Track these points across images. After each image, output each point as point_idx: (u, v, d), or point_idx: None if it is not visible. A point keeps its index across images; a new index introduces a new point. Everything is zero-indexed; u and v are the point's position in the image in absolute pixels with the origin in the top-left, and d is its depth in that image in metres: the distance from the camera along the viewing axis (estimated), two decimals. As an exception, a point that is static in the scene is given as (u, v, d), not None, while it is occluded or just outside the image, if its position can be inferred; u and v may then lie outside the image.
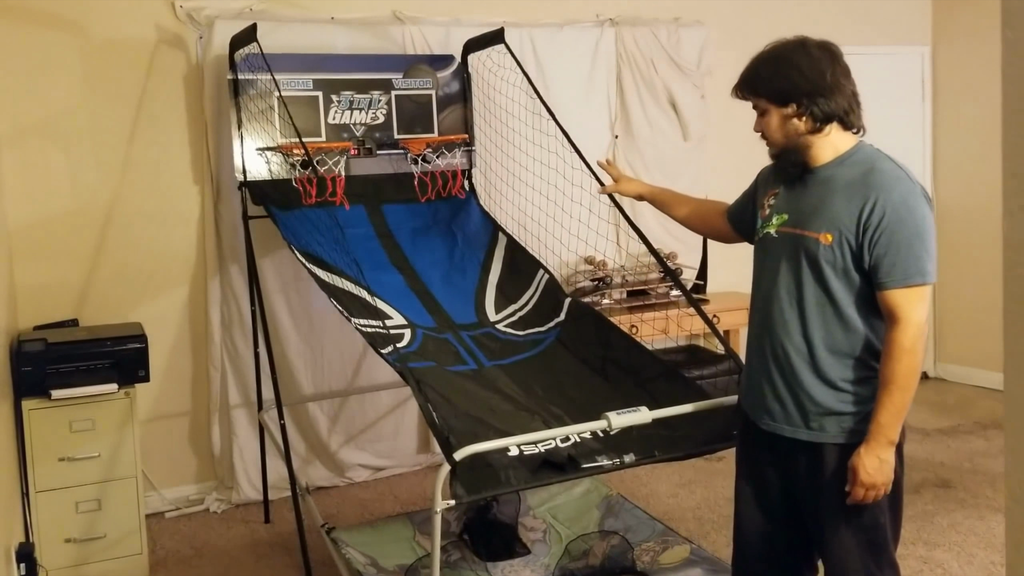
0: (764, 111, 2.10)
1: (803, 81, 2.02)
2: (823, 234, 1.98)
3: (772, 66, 2.07)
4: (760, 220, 2.19)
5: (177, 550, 3.75)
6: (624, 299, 4.71)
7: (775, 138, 2.10)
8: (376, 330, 2.99)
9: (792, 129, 2.06)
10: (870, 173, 1.99)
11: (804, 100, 2.02)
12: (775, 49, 2.10)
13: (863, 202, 1.95)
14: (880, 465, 1.95)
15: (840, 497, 2.01)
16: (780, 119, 2.06)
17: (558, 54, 4.71)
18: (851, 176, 2.01)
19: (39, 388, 3.28)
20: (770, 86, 2.06)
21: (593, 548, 3.17)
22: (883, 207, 1.93)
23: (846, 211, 1.97)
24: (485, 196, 4.33)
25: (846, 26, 5.59)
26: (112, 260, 4.00)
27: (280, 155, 3.76)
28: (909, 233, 1.92)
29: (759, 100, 2.10)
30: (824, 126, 2.03)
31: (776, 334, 2.08)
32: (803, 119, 2.04)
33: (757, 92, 2.10)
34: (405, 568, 3.10)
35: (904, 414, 1.96)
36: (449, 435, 2.33)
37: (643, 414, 2.39)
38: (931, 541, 3.50)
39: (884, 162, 2.02)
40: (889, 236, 1.92)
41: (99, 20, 3.92)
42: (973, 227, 5.67)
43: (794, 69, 2.04)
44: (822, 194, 2.03)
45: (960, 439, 4.71)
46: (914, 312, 1.92)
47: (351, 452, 4.45)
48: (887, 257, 1.92)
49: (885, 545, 2.08)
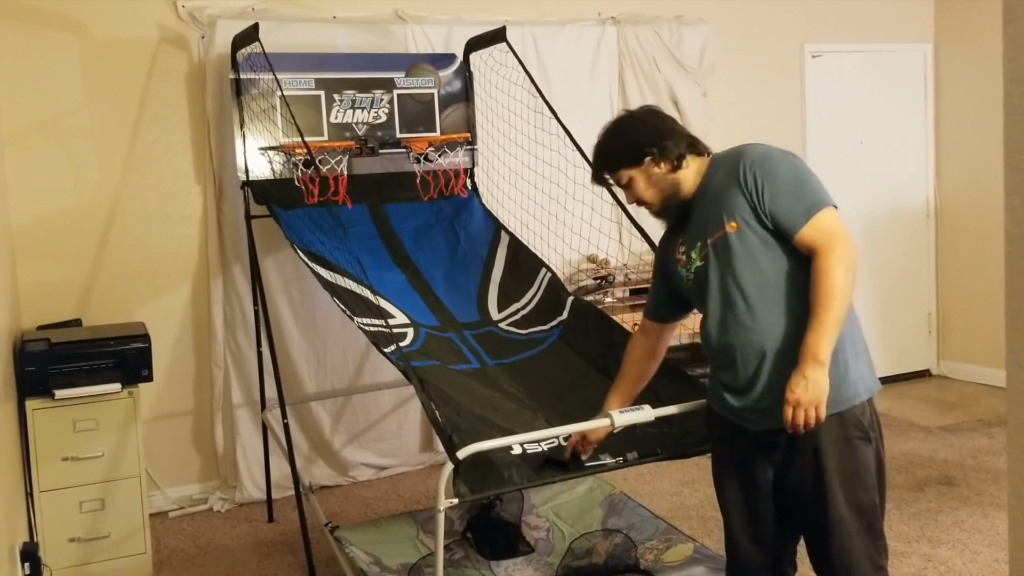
0: (628, 180, 2.23)
1: (644, 134, 2.20)
2: (728, 224, 2.07)
3: (613, 141, 2.24)
4: (683, 269, 2.24)
5: (181, 549, 3.76)
6: (627, 297, 4.71)
7: (650, 196, 2.22)
8: (379, 329, 2.99)
9: (658, 178, 2.20)
10: (726, 161, 2.14)
11: (654, 149, 2.18)
12: (607, 132, 2.27)
13: (737, 179, 2.07)
14: (806, 384, 1.96)
15: (839, 476, 2.03)
16: (645, 177, 2.20)
17: (560, 52, 4.71)
18: (719, 177, 2.13)
19: (42, 388, 3.29)
20: (621, 155, 2.22)
21: (596, 546, 3.16)
22: (752, 168, 2.05)
23: (731, 196, 2.07)
24: (487, 195, 4.33)
25: (848, 24, 5.59)
26: (115, 260, 4.01)
27: (282, 154, 3.76)
28: (786, 178, 2.03)
29: (618, 173, 2.24)
30: (681, 161, 2.19)
31: (744, 349, 2.09)
32: (661, 164, 2.18)
33: (614, 167, 2.24)
34: (409, 567, 3.10)
35: (831, 335, 1.96)
36: (452, 434, 2.33)
37: (646, 412, 2.38)
38: (935, 538, 3.50)
39: (733, 148, 2.17)
40: (771, 186, 2.02)
41: (101, 20, 3.93)
42: (975, 224, 5.67)
43: (630, 132, 2.23)
44: (706, 204, 2.15)
45: (963, 436, 4.70)
46: (828, 238, 1.98)
47: (354, 451, 4.45)
48: (781, 208, 2.02)
49: (879, 528, 2.11)
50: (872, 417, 2.08)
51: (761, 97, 5.35)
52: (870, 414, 2.08)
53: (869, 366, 2.11)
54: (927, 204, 5.91)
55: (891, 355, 5.69)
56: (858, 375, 2.06)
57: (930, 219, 5.92)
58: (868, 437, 2.06)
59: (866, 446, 2.06)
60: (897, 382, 5.73)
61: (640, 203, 2.25)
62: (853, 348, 2.07)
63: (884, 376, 5.45)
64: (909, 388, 5.68)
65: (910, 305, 5.88)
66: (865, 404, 2.07)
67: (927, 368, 5.99)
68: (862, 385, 2.07)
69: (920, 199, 5.89)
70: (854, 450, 2.05)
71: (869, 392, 2.08)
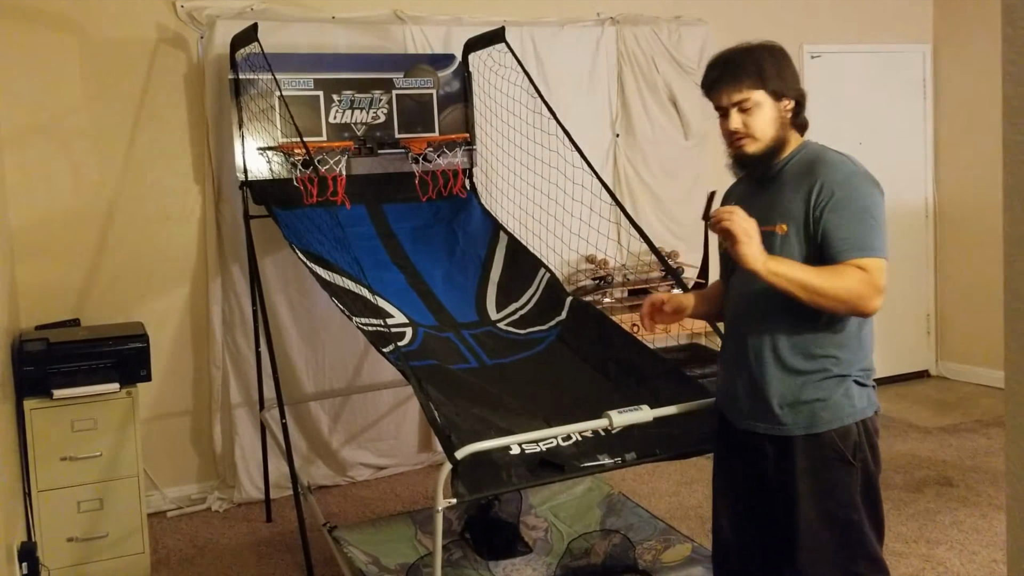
0: (753, 105, 2.06)
1: (794, 78, 2.10)
2: (778, 225, 2.02)
3: (771, 60, 2.07)
4: None
5: (179, 549, 3.76)
6: (625, 298, 4.71)
7: (760, 132, 2.06)
8: (377, 329, 2.99)
9: (779, 124, 2.08)
10: (815, 163, 2.05)
11: (799, 95, 2.09)
12: (765, 47, 2.10)
13: (810, 186, 2.00)
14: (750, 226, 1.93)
15: (810, 491, 2.02)
16: (772, 113, 2.06)
17: (559, 53, 4.71)
18: (799, 169, 2.07)
19: (41, 388, 3.29)
20: (773, 78, 2.06)
21: (595, 547, 3.16)
22: (829, 187, 1.98)
23: (796, 199, 2.02)
24: (486, 195, 4.33)
25: (847, 24, 5.59)
26: (114, 260, 4.01)
27: (281, 154, 3.76)
28: (856, 208, 1.97)
29: (753, 92, 2.05)
30: (801, 127, 2.11)
31: (745, 332, 2.11)
32: (791, 114, 2.08)
33: (753, 83, 2.05)
34: (407, 567, 3.10)
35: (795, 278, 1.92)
36: (451, 434, 2.33)
37: (644, 412, 2.38)
38: (933, 539, 3.50)
39: (828, 154, 2.07)
40: (838, 212, 1.96)
41: (100, 20, 3.92)
42: (974, 225, 5.67)
43: (788, 66, 2.10)
44: (774, 192, 2.09)
45: (962, 437, 4.71)
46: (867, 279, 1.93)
47: (352, 451, 4.45)
48: (837, 231, 1.96)
49: (861, 541, 2.07)
50: (860, 439, 2.03)
51: (760, 98, 5.33)
52: (856, 436, 2.03)
53: (862, 391, 2.05)
54: (926, 205, 5.91)
55: (890, 356, 5.69)
56: (843, 399, 2.02)
57: (929, 220, 5.92)
58: (847, 459, 2.02)
59: (844, 467, 2.02)
60: (896, 383, 5.74)
61: (740, 137, 2.07)
62: (844, 369, 2.03)
63: (883, 377, 5.48)
64: (908, 389, 5.69)
65: (909, 306, 5.88)
66: (850, 427, 2.02)
67: (926, 369, 5.99)
68: (847, 410, 2.02)
69: (919, 200, 5.89)
70: (829, 471, 2.03)
71: (855, 417, 2.03)
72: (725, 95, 2.07)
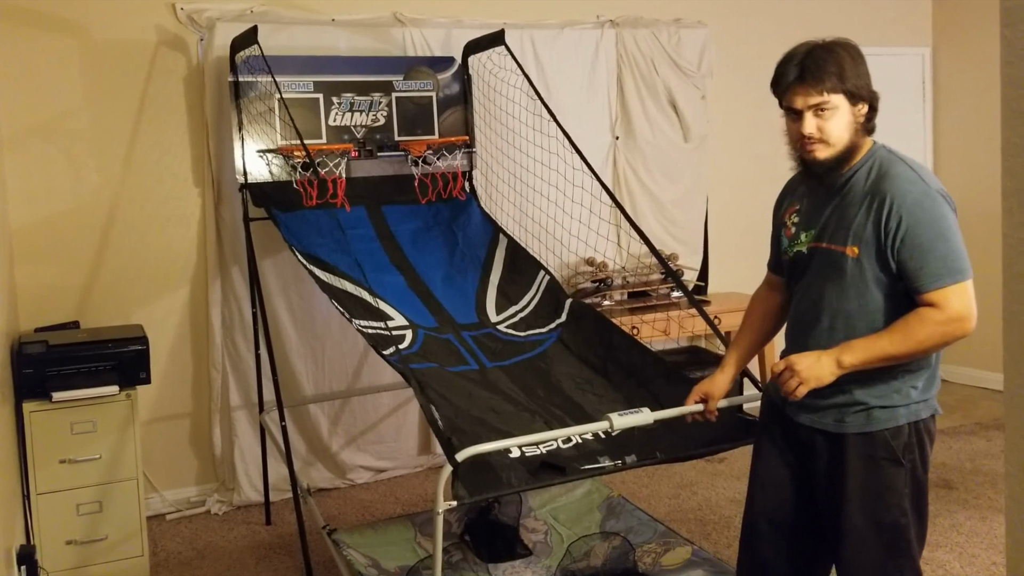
0: (832, 108, 1.97)
1: (869, 80, 2.01)
2: (849, 247, 1.98)
3: (857, 64, 1.99)
4: (787, 239, 2.18)
5: (178, 552, 3.75)
6: (625, 300, 4.71)
7: (835, 137, 1.98)
8: (377, 331, 2.99)
9: (854, 129, 2.00)
10: (883, 179, 1.98)
11: (875, 102, 2.02)
12: (845, 46, 2.00)
13: (880, 211, 1.94)
14: (815, 363, 1.95)
15: (861, 491, 2.01)
16: (848, 117, 1.99)
17: (559, 55, 4.71)
18: (867, 183, 2.00)
19: (40, 390, 3.29)
20: (856, 81, 1.97)
21: (594, 549, 3.16)
22: (899, 213, 1.92)
23: (865, 222, 1.97)
24: (486, 198, 4.33)
25: (847, 27, 5.55)
26: (113, 262, 4.00)
27: (281, 157, 3.76)
28: (930, 235, 1.91)
29: (835, 95, 1.96)
30: (871, 132, 2.04)
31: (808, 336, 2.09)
32: (865, 119, 2.02)
33: (838, 87, 1.96)
34: (407, 569, 3.10)
35: (871, 358, 1.93)
36: (451, 436, 2.32)
37: (645, 415, 2.38)
38: (933, 542, 3.50)
39: (897, 166, 2.00)
40: (911, 241, 1.91)
41: (100, 22, 3.92)
42: (972, 227, 5.64)
43: (865, 67, 2.01)
44: (841, 204, 2.03)
45: (962, 440, 4.70)
46: (949, 306, 1.90)
47: (352, 453, 4.45)
48: (912, 262, 1.92)
49: (907, 549, 2.04)
50: (911, 440, 2.02)
51: (760, 100, 5.33)
52: (908, 436, 2.02)
53: (921, 393, 2.05)
54: (925, 207, 5.91)
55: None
56: (899, 399, 2.02)
57: (928, 222, 5.92)
58: (898, 460, 2.01)
59: (894, 468, 2.02)
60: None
61: (814, 141, 1.99)
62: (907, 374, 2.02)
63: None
64: (907, 391, 5.68)
65: (908, 308, 5.88)
66: (904, 427, 2.02)
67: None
68: (902, 410, 2.02)
69: (918, 202, 5.89)
70: (879, 471, 2.02)
71: (910, 418, 2.02)
72: (802, 96, 1.98)
